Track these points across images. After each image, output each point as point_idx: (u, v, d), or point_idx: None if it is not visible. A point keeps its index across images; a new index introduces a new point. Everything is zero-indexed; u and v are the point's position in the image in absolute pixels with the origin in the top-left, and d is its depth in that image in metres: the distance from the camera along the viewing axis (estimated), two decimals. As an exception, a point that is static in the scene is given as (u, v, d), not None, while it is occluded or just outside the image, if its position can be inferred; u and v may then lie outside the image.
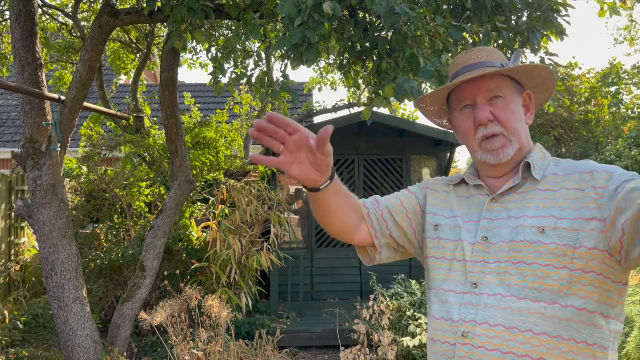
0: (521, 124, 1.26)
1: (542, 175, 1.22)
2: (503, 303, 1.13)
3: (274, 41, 4.56)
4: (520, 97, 1.29)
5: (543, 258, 1.12)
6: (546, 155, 1.28)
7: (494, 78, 1.25)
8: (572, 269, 1.09)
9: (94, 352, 4.10)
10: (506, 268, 1.16)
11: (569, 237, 1.11)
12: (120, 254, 5.61)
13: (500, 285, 1.15)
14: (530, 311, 1.10)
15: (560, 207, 1.15)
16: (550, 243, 1.12)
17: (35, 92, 3.96)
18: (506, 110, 1.24)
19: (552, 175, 1.22)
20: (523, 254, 1.14)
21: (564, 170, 1.22)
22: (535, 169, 1.23)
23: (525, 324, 1.10)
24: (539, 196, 1.20)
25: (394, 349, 4.23)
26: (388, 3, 2.57)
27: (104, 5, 4.15)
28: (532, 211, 1.18)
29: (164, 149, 6.44)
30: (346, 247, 7.38)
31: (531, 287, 1.11)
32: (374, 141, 7.44)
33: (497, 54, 1.31)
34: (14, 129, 11.17)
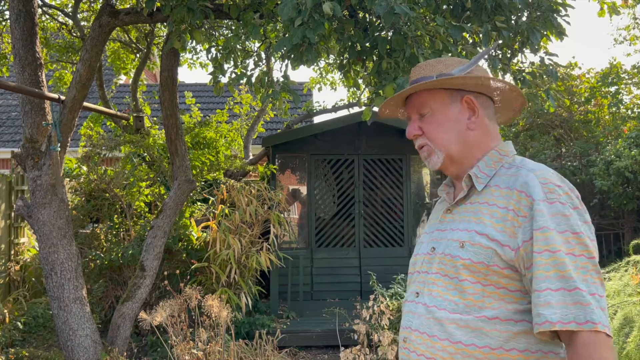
0: (452, 134, 1.31)
1: (485, 185, 1.26)
2: (428, 313, 1.23)
3: (274, 41, 4.56)
4: (458, 104, 1.32)
5: (460, 273, 1.19)
6: (502, 159, 1.29)
7: (421, 94, 1.33)
8: (485, 284, 1.16)
9: (94, 352, 4.10)
10: (435, 279, 1.25)
11: (484, 254, 1.17)
12: (120, 254, 5.61)
13: (429, 296, 1.25)
14: (447, 321, 1.18)
15: (485, 222, 1.20)
16: (466, 259, 1.19)
17: (35, 92, 3.96)
18: (431, 123, 1.32)
19: (495, 186, 1.25)
20: (447, 268, 1.22)
21: (505, 182, 1.23)
22: (479, 178, 1.27)
23: (443, 333, 1.18)
24: (476, 208, 1.25)
25: (394, 349, 4.23)
26: (388, 3, 2.57)
27: (104, 5, 4.15)
28: (464, 224, 1.25)
29: (164, 149, 6.44)
30: (346, 247, 7.38)
31: (450, 300, 1.19)
32: (374, 141, 7.44)
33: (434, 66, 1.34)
34: (14, 129, 11.17)
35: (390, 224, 7.48)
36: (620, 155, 8.01)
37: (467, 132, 1.31)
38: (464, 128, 1.31)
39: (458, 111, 1.32)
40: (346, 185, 7.47)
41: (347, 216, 7.42)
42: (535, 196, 1.14)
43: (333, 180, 7.55)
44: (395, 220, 7.50)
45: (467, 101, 1.32)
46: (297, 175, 7.81)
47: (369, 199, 7.51)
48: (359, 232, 7.38)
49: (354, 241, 7.40)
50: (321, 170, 7.59)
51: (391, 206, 7.52)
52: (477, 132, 1.32)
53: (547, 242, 1.09)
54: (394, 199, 7.50)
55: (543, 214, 1.12)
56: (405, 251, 7.42)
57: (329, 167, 7.56)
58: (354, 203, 7.41)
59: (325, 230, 7.40)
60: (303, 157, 7.53)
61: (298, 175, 7.81)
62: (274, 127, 11.02)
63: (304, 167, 7.54)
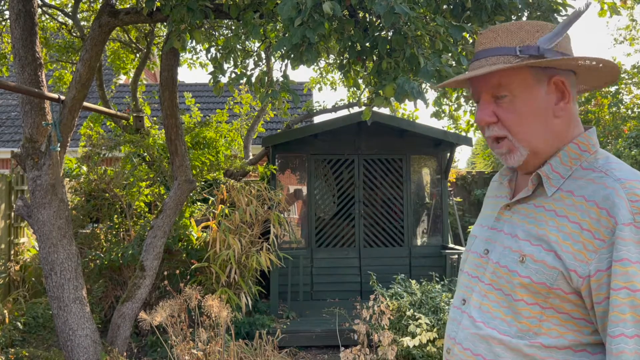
0: (537, 125, 1.06)
1: (556, 189, 1.05)
2: (474, 328, 1.09)
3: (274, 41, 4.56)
4: (545, 86, 1.06)
5: (516, 291, 1.03)
6: (581, 156, 1.05)
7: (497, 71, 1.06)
8: (544, 307, 1.00)
9: (93, 352, 4.10)
10: (487, 292, 1.09)
11: (547, 274, 0.99)
12: (120, 254, 5.61)
13: (477, 309, 1.10)
14: (495, 341, 1.04)
15: (550, 237, 1.01)
16: (525, 277, 1.02)
17: (35, 92, 3.95)
18: (511, 112, 1.06)
19: (567, 192, 1.03)
20: (502, 282, 1.06)
21: (582, 190, 1.01)
22: (550, 179, 1.05)
23: (490, 353, 1.05)
24: (540, 216, 1.04)
25: (394, 349, 4.23)
26: (388, 3, 2.57)
27: (104, 5, 4.15)
28: (526, 232, 1.05)
29: (164, 149, 6.44)
30: (346, 247, 7.38)
31: (502, 319, 1.04)
32: (374, 141, 7.44)
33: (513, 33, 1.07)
34: (14, 129, 11.17)
35: (390, 224, 7.48)
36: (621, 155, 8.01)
37: (554, 121, 1.07)
38: (551, 116, 1.06)
39: (545, 95, 1.06)
40: (346, 185, 7.47)
41: (347, 216, 7.42)
42: (620, 218, 0.92)
43: (333, 180, 7.55)
44: (395, 220, 7.50)
45: (556, 83, 1.06)
46: (297, 175, 7.81)
47: (369, 199, 7.51)
48: (359, 232, 7.38)
49: (354, 241, 7.40)
50: (321, 170, 7.58)
51: (391, 206, 7.52)
52: (563, 120, 1.07)
53: (628, 277, 0.89)
54: (394, 199, 7.50)
55: (627, 243, 0.91)
56: (405, 251, 7.42)
57: (329, 167, 7.56)
58: (354, 203, 7.41)
59: (325, 230, 7.40)
60: (303, 157, 7.53)
61: (298, 175, 7.81)
62: (274, 127, 11.02)
63: (304, 167, 7.54)
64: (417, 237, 7.61)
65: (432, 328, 4.48)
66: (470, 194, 10.62)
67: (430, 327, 4.48)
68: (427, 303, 4.75)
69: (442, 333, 4.48)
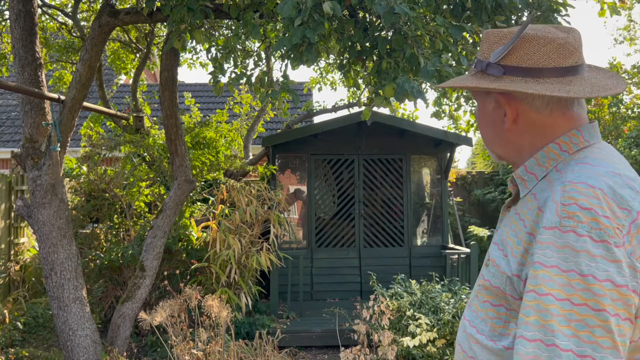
0: (491, 132, 1.10)
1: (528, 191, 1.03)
2: (462, 325, 1.13)
3: (274, 41, 4.56)
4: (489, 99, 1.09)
5: (482, 293, 1.06)
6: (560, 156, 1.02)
7: None
8: (509, 308, 1.00)
9: (93, 352, 4.10)
10: (477, 291, 1.11)
11: (500, 279, 1.00)
12: (120, 254, 5.61)
13: (468, 307, 1.13)
14: (473, 340, 1.07)
15: (508, 242, 1.00)
16: (486, 280, 1.04)
17: (35, 92, 3.95)
18: (477, 117, 1.15)
19: (531, 195, 1.02)
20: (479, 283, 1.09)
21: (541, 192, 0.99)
22: (525, 181, 1.05)
23: (470, 351, 1.08)
24: (511, 219, 1.04)
25: (394, 349, 4.23)
26: (388, 3, 2.57)
27: (104, 5, 4.15)
28: (500, 237, 1.05)
29: (164, 149, 6.44)
30: (346, 247, 7.38)
31: (482, 319, 1.06)
32: (374, 141, 7.44)
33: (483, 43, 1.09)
34: (14, 129, 11.17)
35: (390, 224, 7.48)
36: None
37: (508, 133, 1.07)
38: (502, 128, 1.07)
39: (493, 108, 1.09)
40: (346, 185, 7.47)
41: (347, 216, 7.42)
42: (544, 222, 0.91)
43: (333, 180, 7.55)
44: (395, 220, 7.50)
45: (496, 100, 1.07)
46: (297, 175, 7.81)
47: (369, 199, 7.51)
48: (359, 232, 7.38)
49: (354, 241, 7.40)
50: (321, 170, 7.58)
51: (391, 206, 7.52)
52: (520, 132, 1.06)
53: (537, 281, 0.87)
54: (394, 199, 7.50)
55: (543, 246, 0.88)
56: (405, 251, 7.42)
57: (329, 167, 7.56)
58: (354, 203, 7.41)
59: (325, 230, 7.40)
60: (303, 157, 7.53)
61: (298, 175, 7.81)
62: (274, 127, 11.02)
63: (304, 167, 7.54)
64: (417, 237, 7.61)
65: (432, 328, 4.48)
66: (470, 194, 10.62)
67: (430, 327, 4.48)
68: (427, 303, 4.75)
69: (442, 333, 4.48)
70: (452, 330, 4.47)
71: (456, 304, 4.66)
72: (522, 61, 1.02)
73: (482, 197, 10.29)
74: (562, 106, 1.02)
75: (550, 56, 1.00)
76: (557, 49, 1.01)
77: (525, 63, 1.01)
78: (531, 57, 1.01)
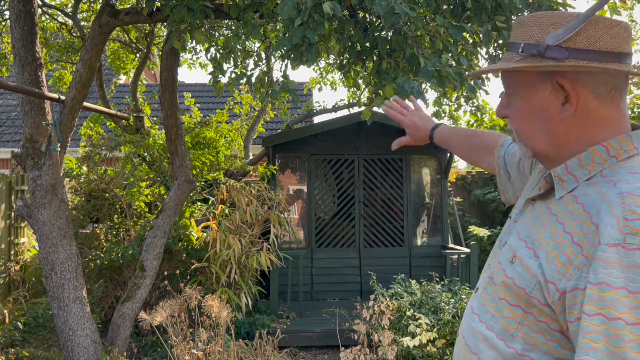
0: (535, 125, 1.00)
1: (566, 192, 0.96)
2: (470, 319, 1.08)
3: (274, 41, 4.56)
4: (547, 86, 0.97)
5: (500, 290, 1.00)
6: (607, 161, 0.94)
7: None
8: (526, 310, 0.94)
9: (93, 352, 4.10)
10: (487, 284, 1.06)
11: (527, 281, 0.93)
12: (120, 254, 5.61)
13: (477, 300, 1.08)
14: (480, 336, 1.02)
15: (542, 242, 0.94)
16: (509, 278, 0.97)
17: (35, 92, 3.95)
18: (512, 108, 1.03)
19: (572, 197, 0.94)
20: (496, 277, 1.02)
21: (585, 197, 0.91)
22: (563, 181, 0.97)
23: (474, 347, 1.03)
24: (544, 218, 0.98)
25: (394, 349, 4.23)
26: (388, 3, 2.57)
27: (104, 5, 4.15)
28: (527, 233, 1.00)
29: (164, 149, 6.44)
30: (346, 247, 7.38)
31: (492, 315, 1.01)
32: (374, 141, 7.44)
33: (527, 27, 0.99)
34: (14, 129, 11.17)
35: (390, 224, 7.48)
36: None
37: (559, 124, 0.97)
38: (554, 118, 0.97)
39: (548, 95, 0.97)
40: (346, 185, 7.47)
41: (347, 216, 7.42)
42: (605, 238, 0.82)
43: (333, 180, 7.55)
44: (395, 220, 7.50)
45: (559, 83, 0.96)
46: (297, 175, 7.82)
47: (369, 199, 7.51)
48: (359, 232, 7.38)
49: (354, 241, 7.40)
50: (321, 170, 7.59)
51: (391, 206, 7.52)
52: (574, 123, 0.96)
53: (604, 304, 0.79)
54: (394, 199, 7.50)
55: (607, 265, 0.81)
56: (405, 251, 7.42)
57: (329, 167, 7.56)
58: (354, 203, 7.41)
59: (325, 230, 7.40)
60: (303, 157, 7.53)
61: (298, 175, 7.81)
62: (274, 127, 11.02)
63: (304, 167, 7.54)
64: (417, 237, 7.61)
65: (432, 328, 4.48)
66: (470, 194, 10.61)
67: (430, 327, 4.48)
68: (427, 303, 4.75)
69: (442, 333, 4.48)
70: (452, 330, 4.47)
71: (456, 304, 4.66)
72: (590, 43, 0.93)
73: (482, 197, 10.29)
74: (620, 96, 0.96)
75: (616, 40, 0.94)
76: (622, 32, 0.94)
77: (592, 45, 0.93)
78: (599, 40, 0.93)
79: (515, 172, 1.30)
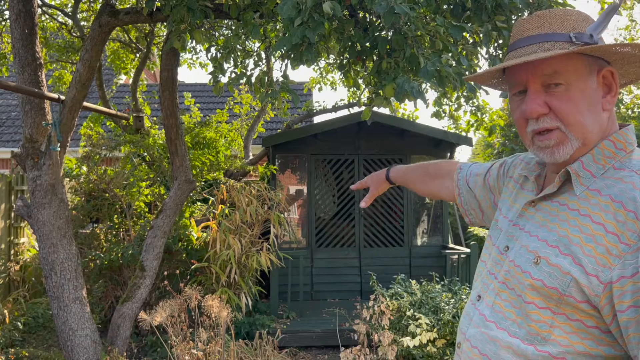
0: (590, 116, 0.99)
1: (585, 188, 0.97)
2: (484, 327, 1.04)
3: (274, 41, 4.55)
4: (595, 77, 1.00)
5: (526, 293, 0.97)
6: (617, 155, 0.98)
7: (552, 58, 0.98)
8: (556, 312, 0.93)
9: (93, 352, 4.10)
10: (500, 290, 1.04)
11: (560, 280, 0.92)
12: (120, 254, 5.61)
13: (490, 307, 1.05)
14: (502, 343, 0.99)
15: (571, 238, 0.93)
16: (537, 279, 0.95)
17: (35, 92, 3.95)
18: (567, 101, 0.98)
19: (594, 191, 0.95)
20: (514, 281, 1.00)
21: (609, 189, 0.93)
22: (580, 177, 0.98)
23: (495, 356, 1.00)
24: (563, 215, 0.97)
25: (394, 349, 4.23)
26: (388, 3, 2.57)
27: (104, 5, 4.15)
28: (545, 232, 0.99)
29: (164, 149, 6.44)
30: (346, 247, 7.38)
31: (513, 320, 0.99)
32: (374, 141, 7.44)
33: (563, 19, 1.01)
34: (14, 129, 11.17)
35: (390, 224, 7.47)
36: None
37: (602, 114, 1.00)
38: (600, 109, 1.00)
39: (596, 86, 1.00)
40: (346, 185, 7.47)
41: (347, 216, 7.42)
42: None
43: (333, 180, 7.55)
44: (395, 220, 7.50)
45: (605, 75, 1.00)
46: (297, 175, 7.81)
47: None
48: (359, 232, 7.38)
49: (354, 241, 7.40)
50: (321, 170, 7.58)
51: (391, 206, 7.52)
52: (609, 115, 1.01)
53: None
54: (394, 199, 7.50)
55: None
56: (405, 251, 7.42)
57: (329, 167, 7.56)
58: (354, 203, 7.41)
59: (325, 230, 7.40)
60: (303, 157, 7.53)
61: (298, 175, 7.81)
62: (274, 127, 11.02)
63: (304, 167, 7.54)
64: (417, 237, 7.61)
65: (432, 328, 4.48)
66: (470, 194, 10.59)
67: (430, 327, 4.48)
68: (427, 303, 4.75)
69: (442, 333, 4.48)
70: (452, 330, 4.47)
71: (456, 304, 4.66)
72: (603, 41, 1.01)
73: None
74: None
75: None
76: None
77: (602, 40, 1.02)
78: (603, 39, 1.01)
79: (481, 190, 1.33)
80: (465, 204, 1.39)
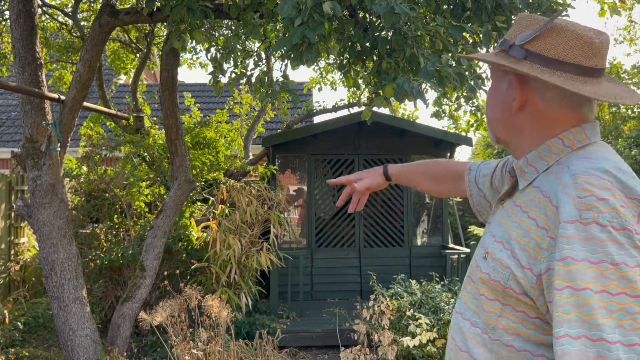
0: (496, 113, 1.10)
1: (528, 183, 1.04)
2: (455, 319, 1.12)
3: (274, 41, 4.56)
4: (505, 80, 1.09)
5: (479, 286, 1.05)
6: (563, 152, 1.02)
7: None
8: (504, 303, 0.99)
9: (93, 352, 4.10)
10: (466, 283, 1.12)
11: (502, 273, 0.99)
12: (120, 254, 5.61)
13: (459, 299, 1.14)
14: (468, 335, 1.06)
15: (511, 234, 1.00)
16: (485, 273, 1.03)
17: (35, 92, 3.95)
18: (488, 97, 1.14)
19: (534, 187, 1.02)
20: (474, 275, 1.08)
21: (546, 184, 0.99)
22: (525, 172, 1.05)
23: (464, 345, 1.07)
24: (511, 211, 1.05)
25: (394, 349, 4.23)
26: (388, 3, 2.57)
27: (104, 5, 4.15)
28: (497, 229, 1.06)
29: (164, 149, 6.44)
30: (346, 247, 7.38)
31: (474, 312, 1.06)
32: (374, 141, 7.44)
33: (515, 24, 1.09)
34: (14, 129, 11.17)
35: (390, 224, 7.48)
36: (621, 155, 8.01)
37: (514, 117, 1.07)
38: (510, 110, 1.07)
39: (505, 89, 1.08)
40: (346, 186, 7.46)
41: (347, 216, 7.42)
42: (563, 216, 0.89)
43: (333, 180, 7.54)
44: (395, 220, 7.50)
45: (510, 80, 1.07)
46: (297, 175, 7.81)
47: (369, 199, 7.50)
48: (359, 232, 7.38)
49: (354, 241, 7.40)
50: (321, 170, 7.58)
51: (391, 206, 7.52)
52: (524, 119, 1.06)
53: (571, 276, 0.85)
54: (394, 199, 7.50)
55: (570, 240, 0.87)
56: (405, 251, 7.42)
57: (329, 167, 7.56)
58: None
59: (325, 230, 7.40)
60: (303, 157, 7.53)
61: (298, 175, 7.81)
62: (274, 127, 11.02)
63: (304, 167, 7.54)
64: (417, 237, 7.61)
65: (432, 328, 4.48)
66: (470, 194, 10.60)
67: (430, 327, 4.48)
68: (427, 303, 4.75)
69: (442, 333, 4.48)
70: (452, 330, 4.47)
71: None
72: (545, 50, 1.01)
73: (482, 197, 10.27)
74: (572, 104, 1.02)
75: (573, 52, 1.00)
76: (581, 46, 1.00)
77: (547, 52, 1.01)
78: (555, 48, 1.01)
79: (489, 191, 1.37)
80: (478, 204, 1.43)
